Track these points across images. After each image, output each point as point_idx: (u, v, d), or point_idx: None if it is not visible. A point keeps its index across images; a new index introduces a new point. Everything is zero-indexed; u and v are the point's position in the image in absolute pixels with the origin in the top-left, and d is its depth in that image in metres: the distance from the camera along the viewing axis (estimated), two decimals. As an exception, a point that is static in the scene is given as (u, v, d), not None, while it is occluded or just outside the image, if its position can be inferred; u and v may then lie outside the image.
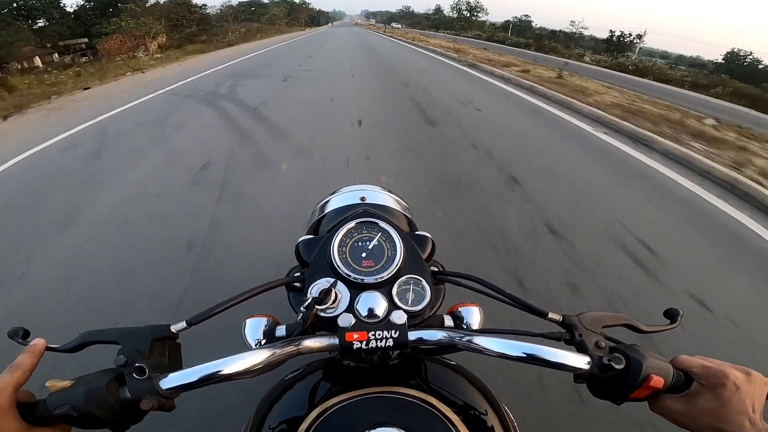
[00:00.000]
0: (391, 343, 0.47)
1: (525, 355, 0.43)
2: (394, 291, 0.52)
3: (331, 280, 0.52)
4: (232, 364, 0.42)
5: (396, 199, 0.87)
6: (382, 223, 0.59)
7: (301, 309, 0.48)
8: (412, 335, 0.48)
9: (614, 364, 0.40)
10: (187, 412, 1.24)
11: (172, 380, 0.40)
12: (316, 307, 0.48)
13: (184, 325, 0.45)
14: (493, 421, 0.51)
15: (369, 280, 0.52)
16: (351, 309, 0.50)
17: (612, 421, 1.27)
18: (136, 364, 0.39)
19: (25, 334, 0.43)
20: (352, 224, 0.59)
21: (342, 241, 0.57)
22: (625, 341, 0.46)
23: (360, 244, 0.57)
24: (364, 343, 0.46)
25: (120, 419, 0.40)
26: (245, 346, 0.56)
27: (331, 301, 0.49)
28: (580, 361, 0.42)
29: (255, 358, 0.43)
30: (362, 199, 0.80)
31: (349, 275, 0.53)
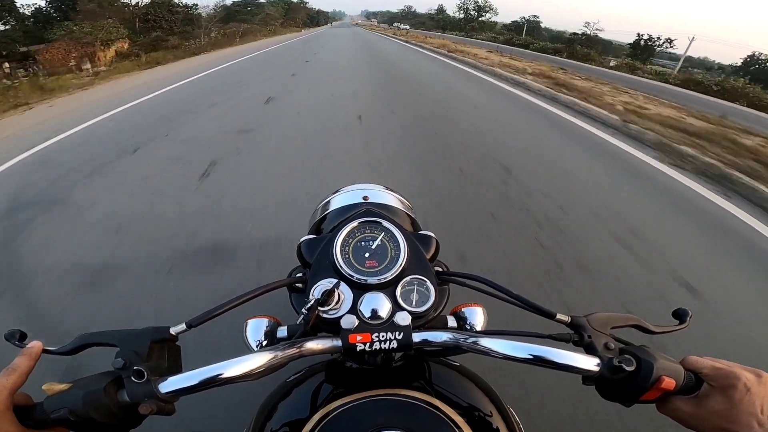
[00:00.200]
0: (395, 344, 0.46)
1: (532, 357, 0.43)
2: (398, 292, 0.51)
3: (334, 280, 0.51)
4: (233, 367, 0.41)
5: (399, 199, 0.86)
6: (385, 223, 0.58)
7: (303, 311, 0.47)
8: (417, 337, 0.47)
9: (625, 366, 0.40)
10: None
11: (171, 384, 0.39)
12: (319, 309, 0.47)
13: (184, 327, 0.44)
14: (498, 422, 0.50)
15: (372, 280, 0.52)
16: (354, 310, 0.49)
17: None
18: (135, 368, 0.38)
19: (22, 337, 0.42)
20: (354, 224, 0.58)
21: (345, 241, 0.56)
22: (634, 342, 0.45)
23: (363, 244, 0.56)
24: (368, 345, 0.46)
25: (118, 423, 0.39)
26: (246, 348, 0.55)
27: (334, 303, 0.48)
28: (590, 363, 0.42)
29: (256, 361, 0.42)
30: (365, 198, 0.78)
31: (352, 276, 0.52)
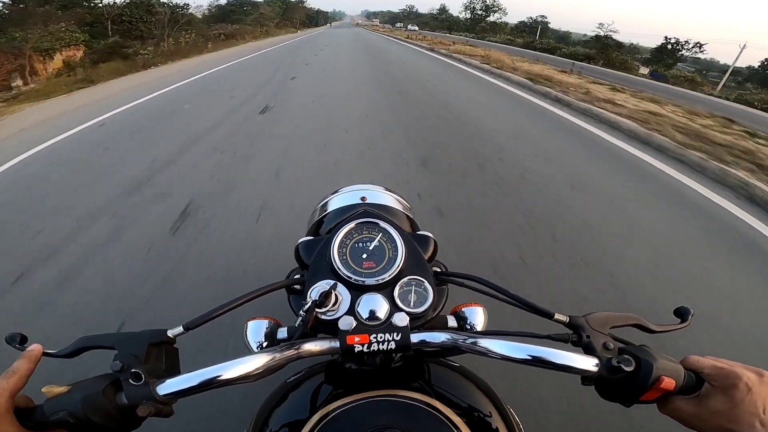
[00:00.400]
0: (393, 345, 0.46)
1: (531, 358, 0.42)
2: (396, 292, 0.51)
3: (331, 282, 0.51)
4: (231, 369, 0.41)
5: (397, 199, 0.86)
6: (382, 224, 0.58)
7: (301, 312, 0.47)
8: (415, 337, 0.47)
9: (624, 366, 0.39)
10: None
11: (169, 386, 0.40)
12: (316, 311, 0.47)
13: (181, 330, 0.44)
14: (497, 423, 0.50)
15: (370, 281, 0.51)
16: (352, 311, 0.49)
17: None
18: (132, 370, 0.39)
19: (23, 340, 0.43)
20: (352, 225, 0.58)
21: (342, 242, 0.56)
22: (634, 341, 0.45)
23: (360, 245, 0.56)
24: (366, 346, 0.46)
25: (117, 425, 0.39)
26: (247, 349, 0.55)
27: (332, 304, 0.48)
28: (588, 363, 0.41)
29: (254, 363, 0.42)
30: (363, 199, 0.78)
31: (350, 277, 0.52)
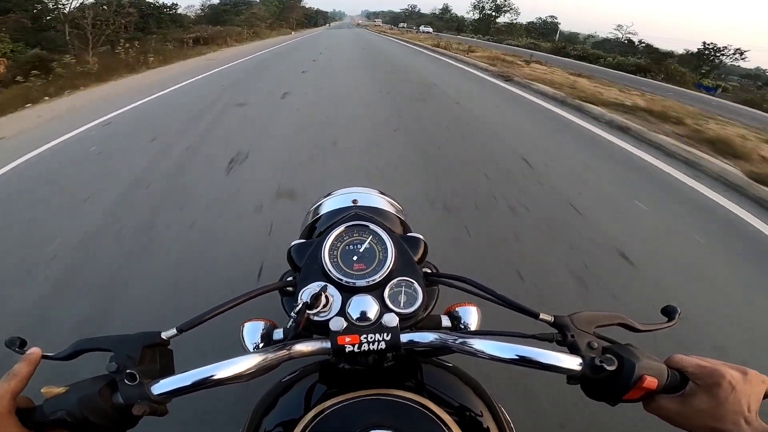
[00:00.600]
0: (383, 345, 0.47)
1: (517, 357, 0.43)
2: (386, 294, 0.52)
3: (322, 284, 0.52)
4: (224, 369, 0.42)
5: (389, 201, 0.87)
6: (372, 226, 0.59)
7: (293, 314, 0.48)
8: (405, 337, 0.48)
9: (606, 365, 0.40)
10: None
11: (163, 386, 0.41)
12: (307, 312, 0.48)
13: (175, 332, 0.45)
14: (488, 422, 0.51)
15: (360, 283, 0.52)
16: (343, 312, 0.50)
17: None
18: (127, 371, 0.40)
19: (22, 343, 0.44)
20: (342, 228, 0.59)
21: (333, 244, 0.57)
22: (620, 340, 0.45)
23: (351, 247, 0.57)
24: (356, 346, 0.46)
25: (113, 424, 0.40)
26: (243, 350, 0.56)
27: (322, 305, 0.49)
28: (572, 363, 0.42)
29: (247, 363, 0.43)
30: (354, 202, 0.79)
31: (341, 279, 0.53)
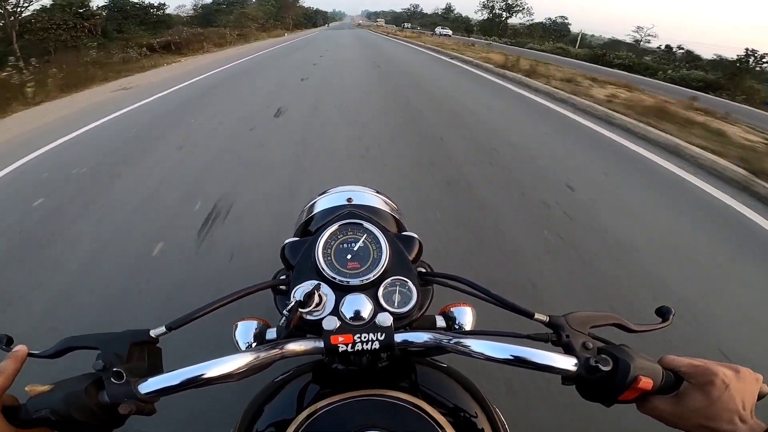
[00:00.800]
0: (377, 345, 0.46)
1: (512, 358, 0.43)
2: (380, 293, 0.51)
3: (315, 282, 0.51)
4: (214, 368, 0.41)
5: (384, 200, 0.87)
6: (367, 225, 0.59)
7: (285, 312, 0.47)
8: (399, 337, 0.47)
9: (601, 366, 0.40)
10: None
11: (150, 384, 0.40)
12: (300, 310, 0.48)
13: (164, 330, 0.45)
14: (483, 423, 0.50)
15: (354, 282, 0.52)
16: (336, 312, 0.49)
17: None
18: (114, 369, 0.39)
19: (9, 341, 0.43)
20: (336, 226, 0.58)
21: (327, 243, 0.56)
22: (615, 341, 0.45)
23: (345, 245, 0.57)
24: (350, 345, 0.46)
25: (99, 423, 0.39)
26: (236, 350, 0.55)
27: (315, 304, 0.48)
28: (568, 363, 0.41)
29: (237, 362, 0.42)
30: (349, 200, 0.79)
31: (334, 278, 0.52)
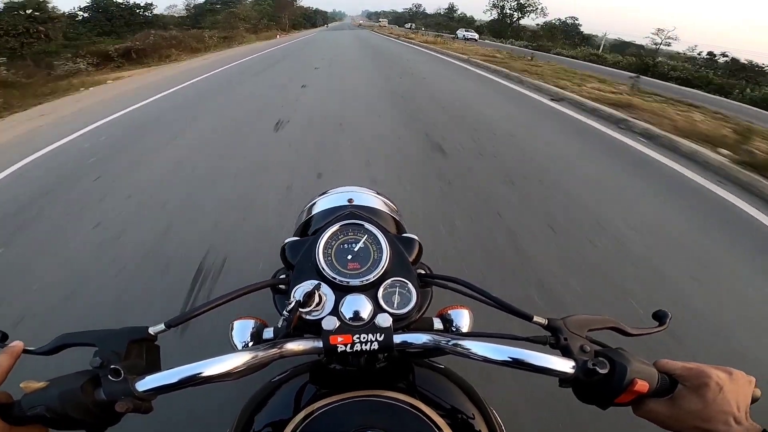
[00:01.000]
0: (376, 346, 0.46)
1: (510, 360, 0.43)
2: (380, 294, 0.51)
3: (315, 282, 0.51)
4: (211, 367, 0.41)
5: (384, 201, 0.87)
6: (368, 225, 0.59)
7: (285, 312, 0.47)
8: (398, 338, 0.47)
9: (598, 369, 0.40)
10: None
11: (148, 382, 0.40)
12: (300, 310, 0.48)
13: (162, 327, 0.44)
14: (480, 424, 0.51)
15: (354, 282, 0.52)
16: (336, 312, 0.49)
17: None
18: (111, 366, 0.39)
19: (4, 337, 0.43)
20: (337, 226, 0.59)
21: (327, 243, 0.57)
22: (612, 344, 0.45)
23: (346, 246, 0.57)
24: (349, 346, 0.46)
25: (95, 420, 0.39)
26: (232, 348, 0.55)
27: (315, 304, 0.48)
28: (565, 366, 0.42)
29: (235, 361, 0.42)
30: (350, 200, 0.79)
31: (334, 278, 0.52)
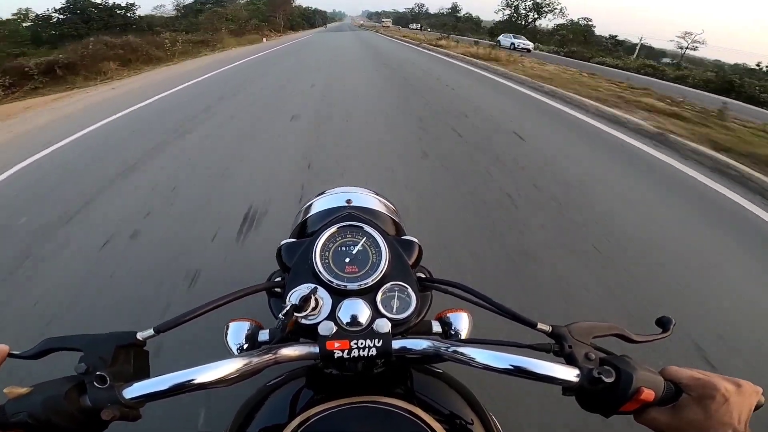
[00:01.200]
0: (374, 352, 0.45)
1: (512, 368, 0.42)
2: (379, 298, 0.50)
3: (312, 286, 0.50)
4: (203, 374, 0.40)
5: (383, 203, 0.86)
6: (366, 227, 0.57)
7: (280, 316, 0.46)
8: (396, 344, 0.46)
9: (604, 377, 0.39)
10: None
11: (135, 389, 0.38)
12: (296, 315, 0.46)
13: (152, 333, 0.43)
14: (478, 431, 0.49)
15: (352, 286, 0.51)
16: (332, 316, 0.48)
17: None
18: (97, 373, 0.37)
19: None
20: (335, 228, 0.57)
21: (324, 245, 0.55)
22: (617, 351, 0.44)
23: (344, 248, 0.55)
24: (346, 352, 0.45)
25: (80, 428, 0.38)
26: (227, 350, 0.54)
27: (311, 308, 0.47)
28: (569, 374, 0.41)
29: (228, 368, 0.41)
30: (348, 201, 0.78)
31: (331, 281, 0.51)
